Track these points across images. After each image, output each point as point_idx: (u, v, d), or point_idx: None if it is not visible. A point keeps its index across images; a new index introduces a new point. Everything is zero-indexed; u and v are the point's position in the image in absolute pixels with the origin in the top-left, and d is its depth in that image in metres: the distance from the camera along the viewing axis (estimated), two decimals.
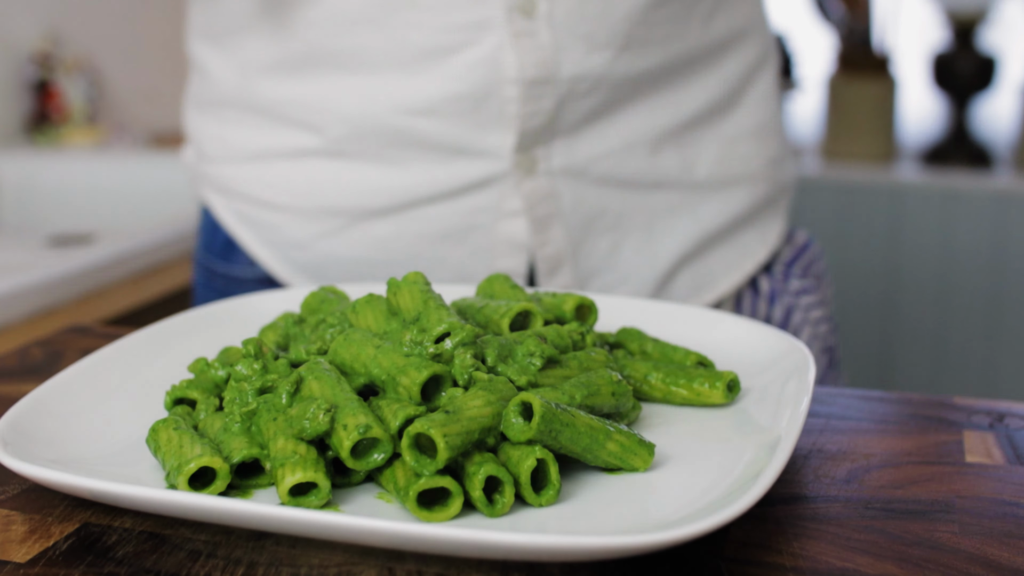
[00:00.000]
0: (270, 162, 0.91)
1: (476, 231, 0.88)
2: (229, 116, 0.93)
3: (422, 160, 0.87)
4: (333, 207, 0.89)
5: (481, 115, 0.84)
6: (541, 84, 0.83)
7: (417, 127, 0.85)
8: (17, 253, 1.19)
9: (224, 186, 0.95)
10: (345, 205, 0.89)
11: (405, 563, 0.45)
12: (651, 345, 0.63)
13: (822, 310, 0.98)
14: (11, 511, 0.50)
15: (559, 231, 0.88)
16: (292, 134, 0.89)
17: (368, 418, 0.49)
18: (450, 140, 0.85)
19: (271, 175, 0.92)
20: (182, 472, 0.49)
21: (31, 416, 0.55)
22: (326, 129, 0.88)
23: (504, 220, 0.88)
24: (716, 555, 0.46)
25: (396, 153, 0.87)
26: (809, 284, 0.98)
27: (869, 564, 0.45)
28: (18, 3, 1.98)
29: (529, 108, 0.83)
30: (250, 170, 0.93)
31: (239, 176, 0.94)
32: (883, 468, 0.55)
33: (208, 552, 0.47)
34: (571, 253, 0.89)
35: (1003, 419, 0.61)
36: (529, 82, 0.82)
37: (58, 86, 2.04)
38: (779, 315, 0.96)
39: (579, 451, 0.50)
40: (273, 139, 0.91)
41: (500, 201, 0.87)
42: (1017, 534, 0.48)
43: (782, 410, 0.55)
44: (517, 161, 0.86)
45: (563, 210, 0.88)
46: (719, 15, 0.90)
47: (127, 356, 0.64)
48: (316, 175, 0.90)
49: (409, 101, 0.85)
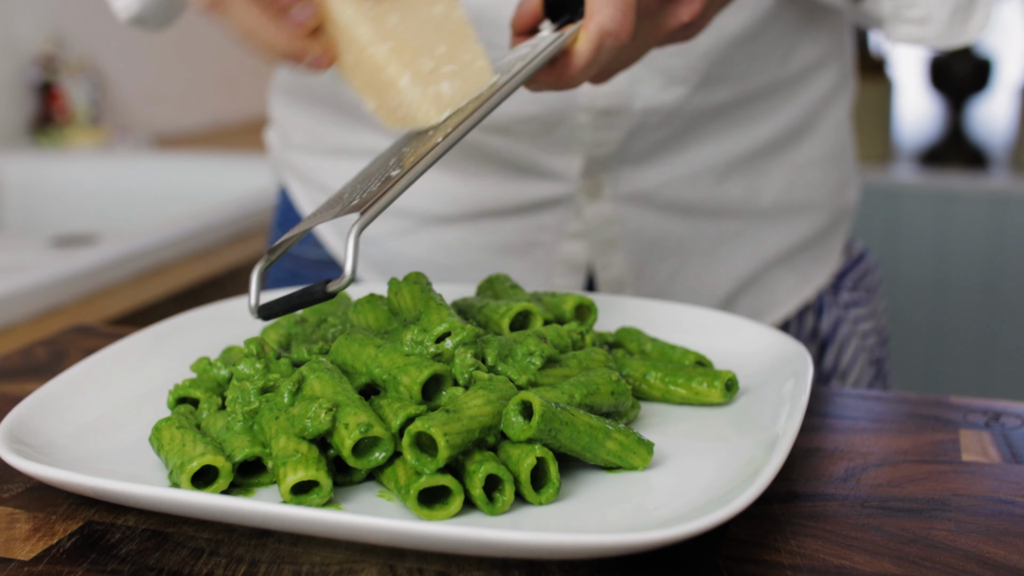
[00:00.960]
0: (350, 158, 0.92)
1: (538, 248, 0.89)
2: (317, 109, 0.95)
3: (492, 174, 0.88)
4: (405, 209, 0.91)
5: (552, 138, 0.85)
6: (612, 115, 0.83)
7: (490, 143, 0.86)
8: (21, 253, 1.20)
9: (304, 174, 0.97)
10: (417, 209, 0.91)
11: (406, 561, 0.46)
12: (650, 345, 0.64)
13: (871, 322, 0.98)
14: (15, 509, 0.50)
15: (621, 255, 0.89)
16: (373, 135, 0.90)
17: (369, 417, 0.50)
18: (520, 159, 0.86)
19: (350, 171, 0.91)
20: (185, 471, 0.49)
21: (35, 415, 0.55)
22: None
23: (565, 240, 0.89)
24: (715, 553, 0.46)
25: (469, 165, 0.88)
26: (860, 297, 0.98)
27: (866, 562, 0.46)
28: (23, 6, 1.99)
29: (599, 136, 0.84)
30: (331, 163, 0.94)
31: (320, 167, 0.95)
32: (880, 467, 0.55)
33: (211, 550, 0.47)
34: (633, 277, 0.90)
35: (999, 418, 0.62)
36: (600, 111, 0.83)
37: (62, 88, 2.04)
38: (827, 327, 0.96)
39: (579, 450, 0.51)
40: (356, 137, 0.92)
41: (563, 222, 0.88)
42: (1013, 532, 0.48)
43: (780, 409, 0.55)
44: (583, 185, 0.87)
45: (626, 235, 0.89)
46: (799, 49, 0.89)
47: (130, 355, 0.64)
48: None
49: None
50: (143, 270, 1.23)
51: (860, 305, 0.98)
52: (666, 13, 0.60)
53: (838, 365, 0.96)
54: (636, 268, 0.90)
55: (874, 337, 0.98)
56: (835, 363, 0.96)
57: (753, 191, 0.92)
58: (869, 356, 0.97)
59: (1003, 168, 2.45)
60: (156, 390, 0.61)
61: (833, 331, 0.96)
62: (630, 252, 0.90)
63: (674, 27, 0.61)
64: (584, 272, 0.90)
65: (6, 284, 1.02)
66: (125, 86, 2.28)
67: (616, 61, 0.62)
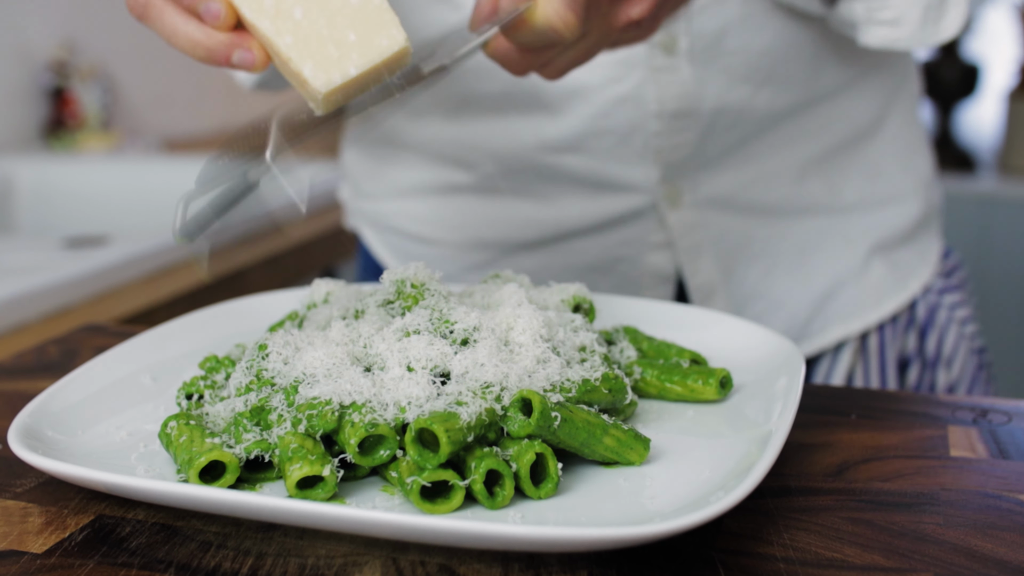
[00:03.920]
0: (423, 197, 0.92)
1: (623, 263, 0.89)
2: (384, 153, 0.95)
3: (569, 195, 0.88)
4: (484, 240, 0.91)
5: (626, 149, 0.84)
6: (683, 117, 0.83)
7: (564, 163, 0.86)
8: (34, 254, 1.21)
9: (377, 220, 0.97)
10: (495, 238, 0.91)
11: (408, 554, 0.46)
12: (647, 343, 0.64)
13: (967, 310, 0.97)
14: (28, 503, 0.51)
15: (708, 260, 0.88)
16: (445, 171, 0.90)
17: (374, 415, 0.50)
18: (596, 175, 0.86)
19: (424, 210, 0.93)
20: (193, 466, 0.49)
21: (47, 412, 0.55)
22: (478, 166, 0.89)
23: (650, 252, 0.88)
24: (709, 546, 0.47)
25: (544, 188, 0.88)
26: (952, 284, 0.97)
27: (857, 554, 0.46)
28: (35, 13, 2.00)
29: (672, 141, 0.84)
30: (403, 205, 0.94)
31: (392, 211, 0.95)
32: (870, 462, 0.56)
33: (218, 543, 0.47)
34: (723, 281, 0.89)
35: (986, 415, 0.62)
36: (671, 115, 0.83)
37: (74, 93, 2.05)
38: (922, 313, 0.95)
39: (577, 445, 0.51)
40: (426, 175, 0.92)
41: (646, 233, 0.88)
42: (999, 525, 0.49)
43: (773, 406, 0.55)
44: (662, 193, 0.86)
45: (710, 239, 0.88)
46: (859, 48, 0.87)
47: (140, 353, 0.65)
48: (468, 210, 0.91)
49: (556, 139, 0.85)
50: (153, 270, 1.23)
51: (953, 292, 0.96)
52: (616, 10, 0.60)
53: (941, 352, 0.94)
54: (725, 272, 0.89)
55: (972, 325, 0.97)
56: (937, 350, 0.94)
57: (833, 188, 0.91)
58: (970, 345, 0.96)
59: (991, 171, 2.46)
60: (165, 387, 0.62)
61: (930, 318, 0.95)
62: (717, 257, 0.89)
63: (624, 24, 0.60)
64: (672, 281, 0.89)
65: (20, 284, 1.03)
66: (135, 91, 2.29)
67: (566, 57, 0.61)
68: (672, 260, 0.88)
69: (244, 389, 0.55)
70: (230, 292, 1.26)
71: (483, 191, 0.90)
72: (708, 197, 0.87)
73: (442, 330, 0.55)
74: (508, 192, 0.89)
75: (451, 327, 0.55)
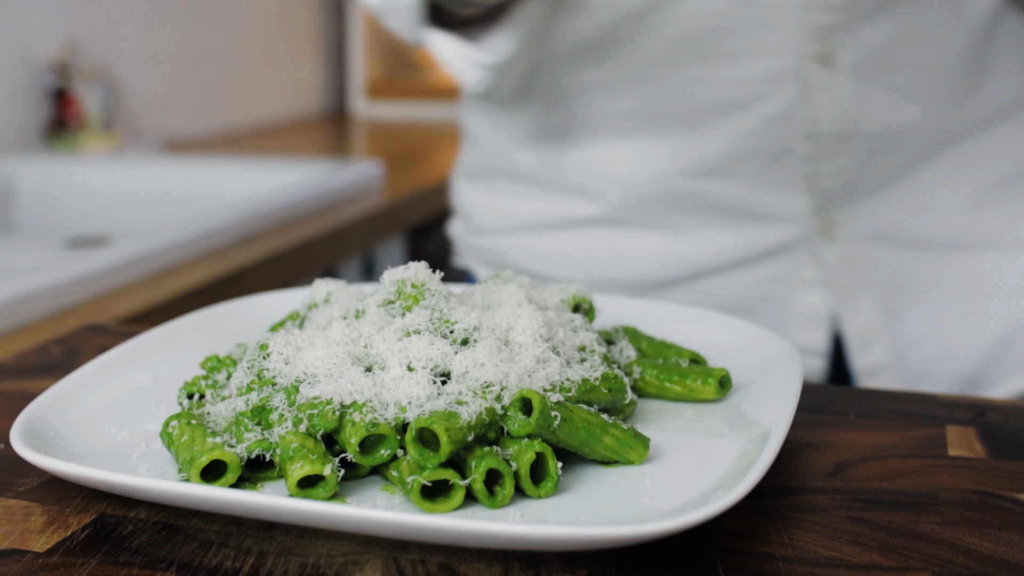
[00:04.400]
0: (544, 233, 0.84)
1: (769, 303, 0.80)
2: (500, 186, 0.87)
3: (710, 226, 0.79)
4: (613, 279, 0.82)
5: (774, 175, 0.76)
6: (841, 140, 0.75)
7: (704, 190, 0.78)
8: (36, 255, 1.21)
9: (494, 258, 0.89)
10: (626, 277, 0.82)
11: (409, 552, 0.46)
12: (646, 343, 0.64)
13: None
14: (31, 503, 0.51)
15: (868, 301, 0.79)
16: (567, 203, 0.83)
17: (374, 414, 0.50)
18: (741, 203, 0.78)
19: (545, 246, 0.85)
20: (195, 465, 0.50)
21: (50, 411, 0.56)
22: (604, 196, 0.81)
23: (801, 291, 0.79)
24: (709, 544, 0.47)
25: (681, 219, 0.79)
26: None
27: (855, 553, 0.46)
28: (37, 15, 2.01)
29: (827, 167, 0.75)
30: (523, 241, 0.86)
31: (511, 247, 0.87)
32: (869, 461, 0.56)
33: (220, 542, 0.48)
34: (884, 324, 0.79)
35: (984, 414, 0.62)
36: (827, 138, 0.74)
37: (75, 94, 2.06)
38: None
39: (577, 445, 0.51)
40: (547, 208, 0.84)
41: (796, 270, 0.78)
42: (997, 524, 0.49)
43: (772, 405, 0.55)
44: (814, 225, 0.77)
45: (870, 277, 0.79)
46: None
47: (142, 353, 0.65)
48: (594, 245, 0.83)
49: (696, 162, 0.77)
50: (155, 270, 1.24)
51: None
52: None
53: None
54: (887, 314, 0.80)
55: None
56: None
57: (1013, 219, 0.80)
58: None
59: None
60: (167, 387, 0.62)
61: None
62: (878, 297, 0.79)
63: None
64: (827, 324, 0.79)
65: (22, 284, 1.04)
66: (137, 92, 2.29)
67: None
68: (826, 300, 0.79)
69: (245, 389, 0.55)
70: (231, 292, 1.27)
71: (610, 224, 0.82)
72: (867, 229, 0.79)
73: (442, 330, 0.56)
74: (639, 224, 0.81)
75: (451, 327, 0.56)
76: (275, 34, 2.83)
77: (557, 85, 0.80)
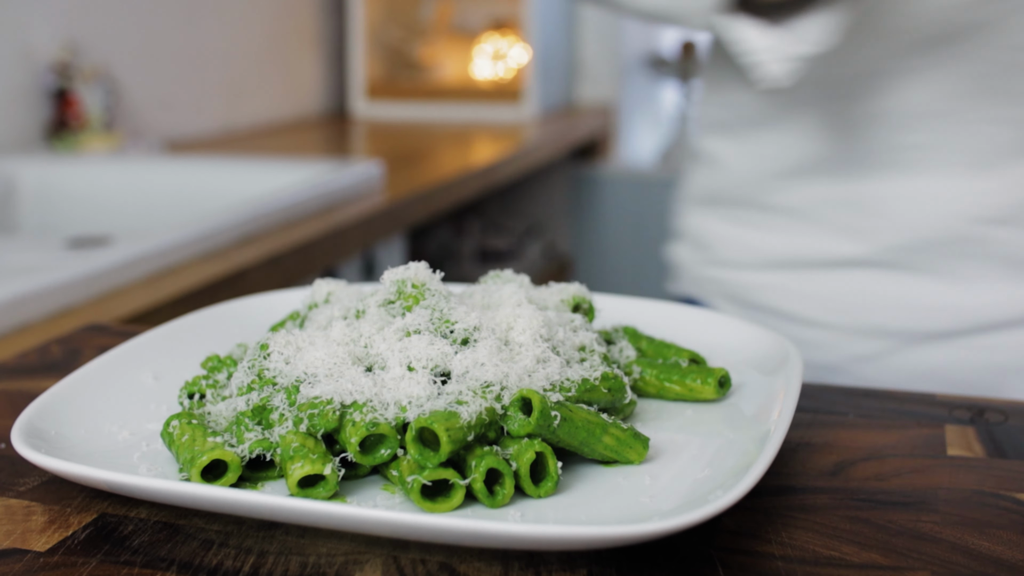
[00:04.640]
0: (800, 271, 0.78)
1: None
2: (749, 217, 0.81)
3: (995, 277, 0.72)
4: (882, 327, 0.76)
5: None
6: None
7: (992, 237, 0.71)
8: (37, 255, 1.21)
9: (737, 294, 0.83)
10: (896, 326, 0.76)
11: (409, 552, 0.46)
12: (646, 343, 0.64)
13: None
14: (31, 502, 0.51)
15: None
16: (831, 241, 0.77)
17: (374, 414, 0.51)
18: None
19: (806, 286, 0.78)
20: (195, 465, 0.50)
21: (51, 411, 0.56)
22: (876, 236, 0.75)
23: None
24: (708, 544, 0.47)
25: (962, 267, 0.73)
26: None
27: (854, 553, 0.46)
28: (38, 15, 2.01)
29: None
30: (775, 278, 0.80)
31: (761, 284, 0.81)
32: (868, 461, 0.56)
33: (220, 541, 0.48)
34: None
35: (983, 414, 0.62)
36: None
37: (76, 94, 2.06)
38: None
39: (576, 444, 0.52)
40: (808, 246, 0.77)
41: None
42: (996, 524, 0.49)
43: (771, 405, 0.56)
44: None
45: None
46: None
47: (142, 353, 0.65)
48: (859, 289, 0.77)
49: (984, 207, 0.71)
50: (155, 271, 1.24)
51: None
52: None
53: None
54: None
55: None
56: None
57: None
58: None
59: None
60: (167, 386, 0.62)
61: None
62: None
63: None
64: None
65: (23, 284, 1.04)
66: (138, 93, 2.30)
67: None
68: None
69: (246, 388, 0.55)
70: (231, 292, 1.27)
71: (878, 266, 0.76)
72: None
73: (442, 330, 0.56)
74: (911, 268, 0.75)
75: (451, 327, 0.56)
76: (275, 34, 2.84)
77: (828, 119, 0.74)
